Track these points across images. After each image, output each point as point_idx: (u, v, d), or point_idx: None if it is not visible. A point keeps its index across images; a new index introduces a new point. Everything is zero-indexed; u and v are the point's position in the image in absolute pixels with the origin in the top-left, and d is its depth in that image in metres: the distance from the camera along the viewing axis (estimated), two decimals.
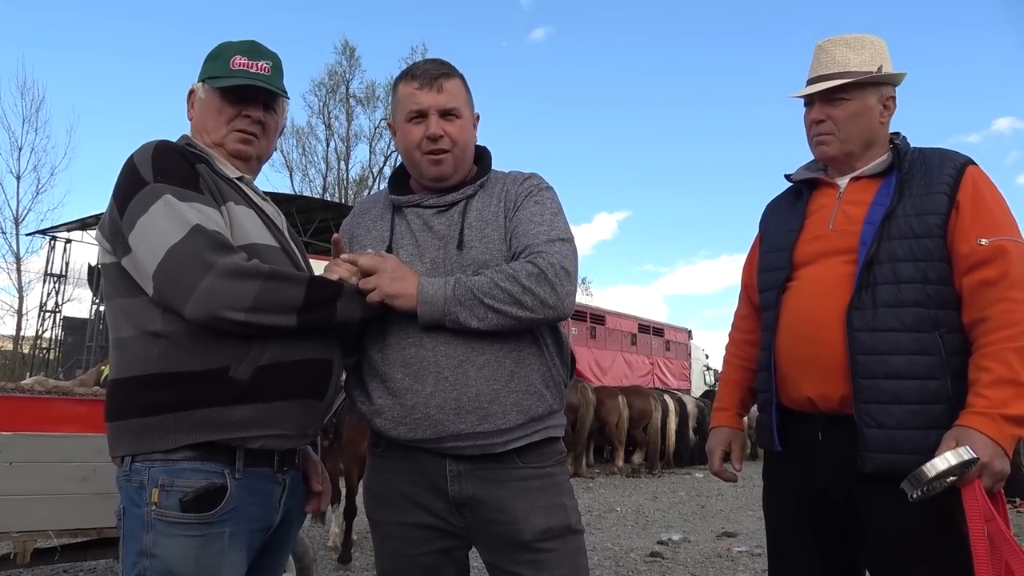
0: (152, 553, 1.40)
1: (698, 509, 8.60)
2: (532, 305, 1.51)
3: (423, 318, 1.53)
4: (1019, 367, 1.56)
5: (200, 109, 1.66)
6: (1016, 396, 1.55)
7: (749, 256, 2.11)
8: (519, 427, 1.58)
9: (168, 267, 1.39)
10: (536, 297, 1.52)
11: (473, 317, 1.51)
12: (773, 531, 1.94)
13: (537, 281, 1.52)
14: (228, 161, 1.65)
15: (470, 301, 1.51)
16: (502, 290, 1.51)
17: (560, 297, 1.54)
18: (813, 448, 1.77)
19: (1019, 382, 1.55)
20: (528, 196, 1.68)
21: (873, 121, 1.84)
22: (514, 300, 1.51)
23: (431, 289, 1.52)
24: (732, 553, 5.92)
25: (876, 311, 1.68)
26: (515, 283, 1.51)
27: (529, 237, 1.60)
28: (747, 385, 2.05)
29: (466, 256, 1.61)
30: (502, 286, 1.51)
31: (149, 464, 1.43)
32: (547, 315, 1.54)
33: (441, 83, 1.66)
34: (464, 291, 1.51)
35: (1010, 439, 1.54)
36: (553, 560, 1.58)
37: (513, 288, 1.51)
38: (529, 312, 1.52)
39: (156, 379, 1.44)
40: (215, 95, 1.64)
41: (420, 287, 1.53)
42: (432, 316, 1.52)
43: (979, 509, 1.48)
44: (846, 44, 1.84)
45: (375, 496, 1.69)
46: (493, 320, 1.51)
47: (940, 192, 1.71)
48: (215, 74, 1.64)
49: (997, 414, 1.54)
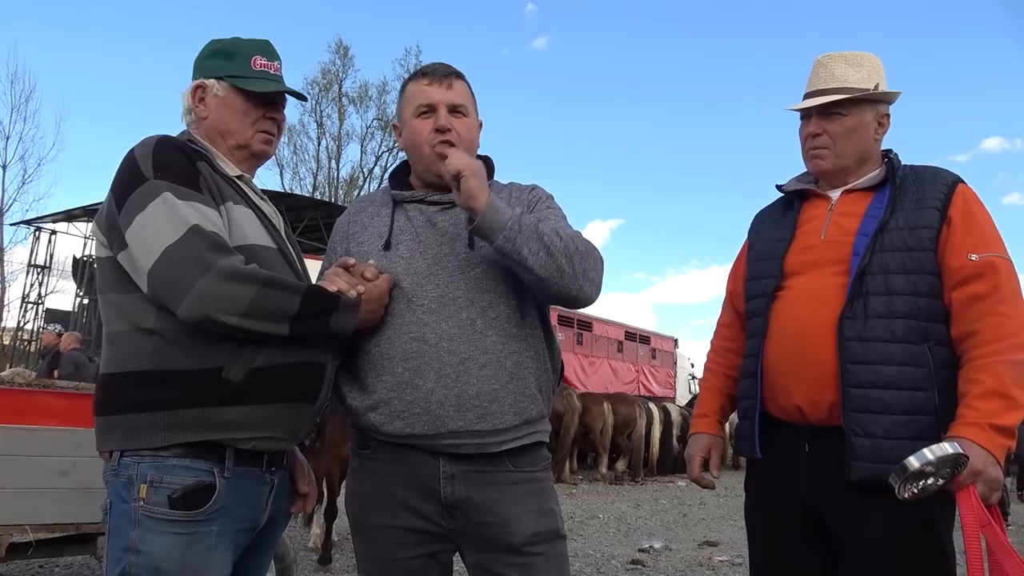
0: (138, 549, 1.38)
1: (680, 517, 8.63)
2: (577, 267, 1.55)
3: (485, 221, 1.49)
4: (1008, 380, 1.58)
5: (219, 108, 1.62)
6: (1005, 408, 1.57)
7: (735, 264, 2.12)
8: (514, 428, 1.58)
9: (164, 266, 1.38)
10: (583, 264, 1.56)
11: (526, 247, 1.50)
12: (755, 541, 1.94)
13: (587, 253, 1.57)
14: (231, 159, 1.64)
15: (530, 231, 1.51)
16: (562, 240, 1.54)
17: (596, 276, 1.60)
18: (799, 458, 1.78)
19: (1008, 395, 1.58)
20: (540, 201, 1.72)
21: (868, 137, 1.86)
22: (567, 253, 1.53)
23: (499, 203, 1.52)
24: (713, 562, 5.93)
25: (867, 321, 1.70)
26: (572, 243, 1.55)
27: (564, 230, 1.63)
28: (728, 392, 2.06)
29: (476, 255, 1.62)
30: (563, 235, 1.55)
31: (138, 460, 1.42)
32: (582, 287, 1.57)
33: (451, 81, 1.68)
34: (530, 222, 1.52)
35: (1000, 448, 1.56)
36: (540, 564, 1.58)
37: (570, 245, 1.55)
38: (571, 272, 1.54)
39: (149, 376, 1.43)
40: (240, 96, 1.62)
41: (491, 197, 1.51)
42: (491, 224, 1.49)
43: (974, 514, 1.49)
44: (845, 60, 1.86)
45: (361, 499, 1.68)
46: (542, 260, 1.51)
47: (932, 207, 1.74)
48: (237, 73, 1.62)
49: (987, 424, 1.56)
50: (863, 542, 1.69)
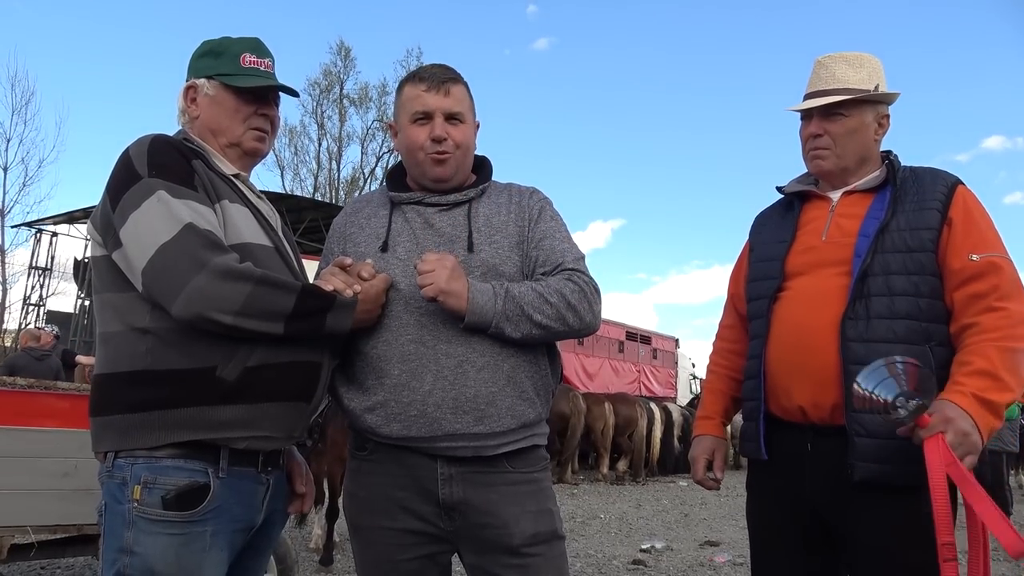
0: (132, 550, 1.38)
1: (681, 518, 8.62)
2: (572, 322, 1.58)
3: (469, 324, 1.54)
4: (999, 363, 1.57)
5: (210, 107, 1.62)
6: (993, 387, 1.56)
7: (737, 266, 2.12)
8: (512, 431, 1.58)
9: (158, 264, 1.38)
10: (578, 315, 1.59)
11: (517, 331, 1.55)
12: (757, 540, 1.94)
13: (580, 300, 1.59)
14: (224, 157, 1.63)
15: (517, 316, 1.54)
16: (551, 306, 1.56)
17: (595, 315, 1.63)
18: (802, 458, 1.78)
19: (997, 376, 1.57)
20: (542, 212, 1.73)
21: (868, 138, 1.86)
22: (560, 317, 1.57)
23: (481, 300, 1.53)
24: (715, 562, 5.92)
25: (869, 322, 1.70)
26: (562, 299, 1.57)
27: (558, 254, 1.65)
28: (731, 394, 2.06)
29: (475, 259, 1.62)
30: (551, 302, 1.56)
31: (132, 460, 1.41)
32: (582, 331, 1.63)
33: (448, 87, 1.67)
34: (514, 306, 1.54)
35: (983, 419, 1.53)
36: (539, 565, 1.58)
37: (560, 305, 1.57)
38: (568, 328, 1.59)
39: (143, 376, 1.42)
40: (230, 94, 1.61)
41: (471, 294, 1.52)
42: (477, 324, 1.54)
43: (939, 456, 1.46)
44: (846, 61, 1.86)
45: (359, 501, 1.67)
46: (535, 334, 1.56)
47: (933, 208, 1.74)
48: (226, 71, 1.61)
49: (971, 393, 1.55)
50: (865, 541, 1.69)
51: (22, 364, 7.58)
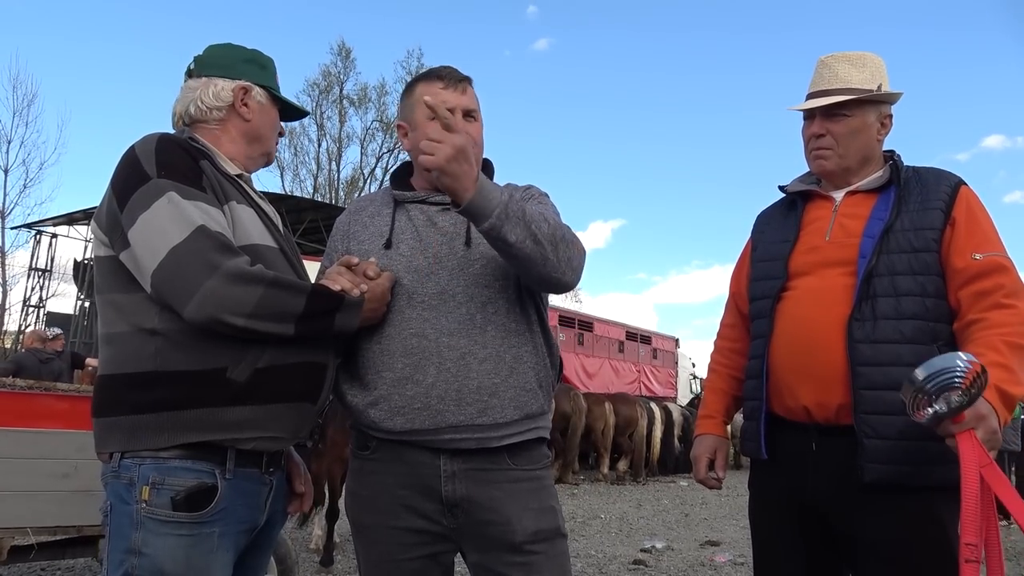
0: (141, 551, 1.38)
1: (682, 517, 8.62)
2: (559, 255, 1.55)
3: (472, 206, 1.45)
4: (1010, 356, 1.56)
5: (261, 115, 1.69)
6: (1010, 379, 1.54)
7: (738, 265, 2.12)
8: (515, 423, 1.59)
9: (169, 267, 1.37)
10: (566, 252, 1.56)
11: (513, 233, 1.48)
12: (759, 540, 1.94)
13: (571, 242, 1.58)
14: (245, 162, 1.67)
15: (517, 218, 1.48)
16: (549, 226, 1.53)
17: (575, 268, 1.60)
18: (805, 457, 1.77)
19: (1011, 368, 1.55)
20: (532, 196, 1.74)
21: (871, 138, 1.86)
22: (552, 240, 1.53)
23: (490, 186, 1.48)
24: (715, 562, 5.92)
25: (876, 323, 1.70)
26: (558, 229, 1.56)
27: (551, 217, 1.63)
28: (733, 394, 2.05)
29: (473, 252, 1.63)
30: (549, 222, 1.55)
31: (139, 461, 1.41)
32: (563, 274, 1.57)
33: (464, 86, 1.70)
34: (516, 208, 1.49)
35: (1001, 408, 1.51)
36: (542, 562, 1.58)
37: (555, 232, 1.54)
38: (554, 261, 1.54)
39: (151, 377, 1.42)
40: (275, 108, 1.72)
41: (481, 179, 1.47)
42: (478, 210, 1.46)
43: (975, 454, 1.44)
44: (848, 61, 1.86)
45: (361, 500, 1.67)
46: (527, 246, 1.49)
47: (936, 208, 1.74)
48: (274, 87, 1.72)
49: (994, 385, 1.51)
50: (871, 542, 1.69)
51: (28, 364, 7.61)
